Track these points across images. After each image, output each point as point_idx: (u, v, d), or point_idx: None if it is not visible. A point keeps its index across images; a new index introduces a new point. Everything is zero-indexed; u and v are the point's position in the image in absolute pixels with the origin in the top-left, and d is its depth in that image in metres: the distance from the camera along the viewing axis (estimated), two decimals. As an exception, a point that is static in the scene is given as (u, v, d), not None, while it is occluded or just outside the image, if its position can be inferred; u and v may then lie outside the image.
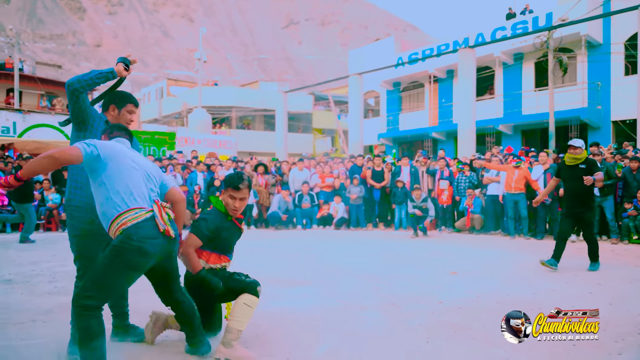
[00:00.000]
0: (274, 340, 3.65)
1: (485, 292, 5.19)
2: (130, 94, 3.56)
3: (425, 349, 3.48)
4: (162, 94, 39.21)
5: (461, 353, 3.41)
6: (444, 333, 3.82)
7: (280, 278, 6.00)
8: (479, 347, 3.51)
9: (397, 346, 3.53)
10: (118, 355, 3.23)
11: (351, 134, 22.62)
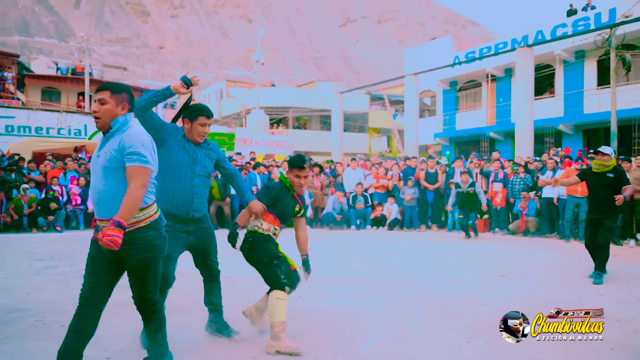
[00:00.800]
0: (323, 336, 3.95)
1: (531, 296, 5.31)
2: (204, 106, 3.80)
3: (466, 348, 3.70)
4: (221, 95, 40.38)
5: (500, 353, 3.61)
6: (485, 334, 4.01)
7: (333, 277, 6.31)
8: (518, 348, 3.69)
9: (439, 345, 3.76)
10: (214, 347, 3.64)
11: (407, 134, 22.66)
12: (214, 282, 3.94)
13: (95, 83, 28.41)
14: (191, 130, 3.70)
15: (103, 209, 2.79)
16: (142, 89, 32.83)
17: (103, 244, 2.56)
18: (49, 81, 29.22)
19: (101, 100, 2.82)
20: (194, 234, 3.72)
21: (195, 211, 3.67)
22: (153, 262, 2.87)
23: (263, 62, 26.83)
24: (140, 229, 2.80)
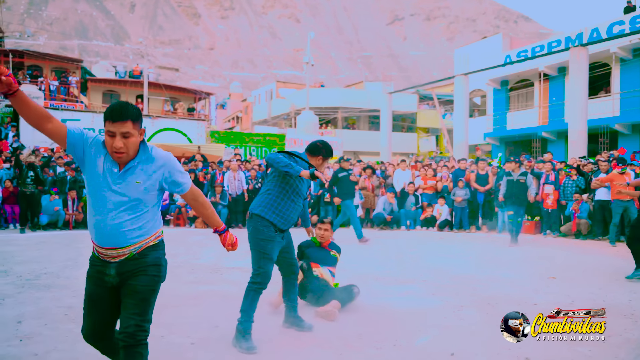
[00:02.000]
0: (382, 330, 4.29)
1: (581, 297, 5.48)
2: (330, 149, 4.42)
3: (516, 344, 3.96)
4: (271, 95, 41.12)
5: (547, 350, 3.86)
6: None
7: (386, 276, 6.63)
8: (566, 345, 3.92)
9: (489, 341, 4.03)
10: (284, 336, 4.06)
11: (456, 134, 22.65)
12: (292, 274, 4.40)
13: (152, 86, 29.54)
14: (320, 166, 4.36)
15: (121, 239, 2.61)
16: (195, 91, 33.89)
17: (233, 249, 3.00)
18: (110, 84, 30.58)
19: (125, 134, 2.50)
20: (285, 238, 4.26)
21: (292, 224, 4.24)
22: (158, 283, 2.73)
23: (313, 63, 27.27)
24: (150, 248, 2.69)
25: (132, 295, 2.62)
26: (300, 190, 4.20)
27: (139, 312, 2.62)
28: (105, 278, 2.66)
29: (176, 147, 18.65)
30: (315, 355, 3.73)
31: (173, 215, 13.43)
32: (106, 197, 2.57)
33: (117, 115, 2.50)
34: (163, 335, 4.10)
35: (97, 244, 2.63)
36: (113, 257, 2.63)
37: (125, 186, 2.57)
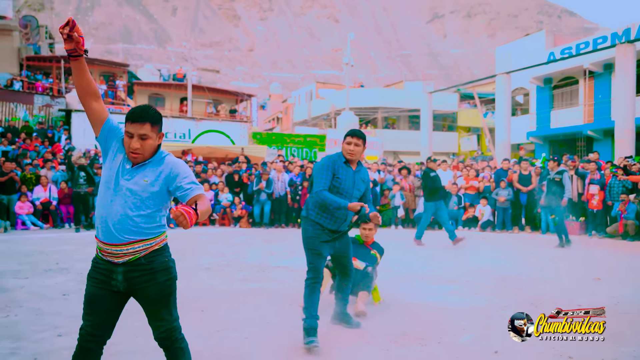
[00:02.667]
0: (427, 327, 4.44)
1: (626, 299, 5.48)
2: (350, 130, 4.27)
3: (559, 343, 4.04)
4: (311, 96, 41.42)
5: (591, 350, 3.93)
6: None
7: (430, 276, 6.75)
8: (610, 345, 3.98)
9: (532, 340, 4.11)
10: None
11: (498, 134, 22.40)
12: (347, 277, 4.47)
13: (195, 89, 30.24)
14: (343, 149, 4.21)
15: (125, 235, 2.61)
16: (237, 92, 34.50)
17: (175, 214, 2.31)
18: (155, 88, 31.46)
19: (142, 136, 2.58)
20: (339, 241, 4.27)
21: (345, 226, 4.26)
22: (173, 284, 2.76)
23: (353, 64, 27.40)
24: (155, 252, 2.69)
25: (151, 306, 2.69)
26: (344, 189, 4.15)
27: (165, 317, 2.71)
28: (112, 282, 2.66)
29: (219, 149, 19.10)
30: (362, 351, 3.91)
31: (218, 215, 13.82)
32: (114, 190, 2.61)
33: (136, 117, 2.58)
34: (218, 329, 4.36)
35: (102, 240, 2.63)
36: (118, 256, 2.62)
37: (133, 183, 2.61)
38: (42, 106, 21.92)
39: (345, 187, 4.15)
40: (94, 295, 2.67)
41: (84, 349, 2.69)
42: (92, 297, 2.68)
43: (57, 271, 7.05)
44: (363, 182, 4.27)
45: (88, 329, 2.68)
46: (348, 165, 4.18)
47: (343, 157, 4.19)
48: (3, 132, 18.40)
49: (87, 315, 2.69)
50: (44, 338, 4.13)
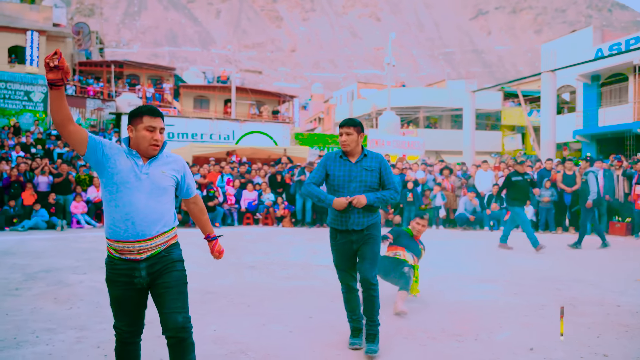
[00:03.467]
0: (464, 325, 4.58)
1: (669, 300, 5.46)
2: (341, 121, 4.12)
3: (595, 342, 4.13)
4: (352, 96, 41.57)
5: (627, 347, 3.99)
6: (615, 331, 4.38)
7: (469, 275, 6.85)
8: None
9: (568, 338, 4.21)
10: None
11: (543, 133, 22.02)
12: (370, 294, 3.94)
13: (239, 90, 30.86)
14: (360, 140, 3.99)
15: (151, 227, 2.76)
16: (279, 94, 34.99)
17: (218, 257, 3.11)
18: (200, 90, 32.25)
19: (161, 130, 2.82)
20: (356, 242, 3.94)
21: (354, 225, 3.88)
22: (186, 277, 2.90)
23: (394, 64, 27.42)
24: (173, 245, 2.88)
25: (170, 291, 2.76)
26: (338, 185, 3.90)
27: (181, 305, 2.77)
28: (135, 280, 2.76)
29: (262, 150, 19.48)
30: (400, 346, 4.10)
31: (261, 215, 14.17)
32: (136, 186, 2.72)
33: (156, 112, 2.81)
34: (264, 323, 4.62)
35: (125, 239, 2.71)
36: (141, 252, 2.73)
37: (153, 175, 2.76)
38: (94, 110, 22.87)
39: (339, 183, 3.90)
40: (121, 297, 2.80)
41: (124, 344, 2.89)
42: (119, 299, 2.81)
43: (113, 267, 7.47)
44: (368, 170, 3.90)
45: (124, 328, 2.85)
46: (345, 159, 3.94)
47: (342, 151, 3.99)
48: (57, 135, 19.31)
49: (119, 316, 2.85)
50: (105, 329, 4.48)
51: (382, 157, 4.00)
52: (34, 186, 13.06)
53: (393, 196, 3.92)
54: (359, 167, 3.89)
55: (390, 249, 5.50)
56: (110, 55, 47.29)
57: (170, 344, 2.77)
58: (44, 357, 3.78)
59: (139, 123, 2.77)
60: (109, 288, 2.83)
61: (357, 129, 3.91)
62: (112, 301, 2.86)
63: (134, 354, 2.95)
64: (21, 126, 19.77)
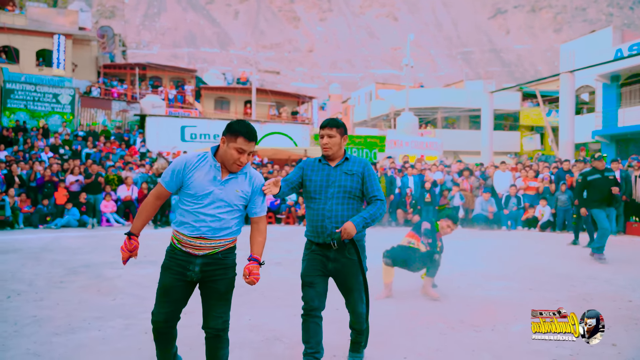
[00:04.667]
0: (481, 317, 4.89)
1: (679, 297, 5.71)
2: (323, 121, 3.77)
3: (605, 333, 4.38)
4: (370, 97, 41.82)
5: (635, 338, 4.28)
6: (625, 324, 4.67)
7: (487, 272, 7.14)
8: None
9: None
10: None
11: (561, 133, 22.10)
12: (357, 320, 3.72)
13: (258, 92, 31.29)
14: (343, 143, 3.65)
15: (217, 232, 2.99)
16: (298, 95, 35.37)
17: (249, 282, 2.92)
18: (221, 91, 32.79)
19: (250, 153, 3.03)
20: (333, 262, 3.52)
21: (327, 234, 3.47)
22: (234, 282, 3.09)
23: (412, 65, 27.64)
24: (231, 249, 3.08)
25: (218, 298, 3.00)
26: (315, 191, 3.55)
27: (224, 311, 3.02)
28: (188, 272, 2.96)
29: (282, 151, 19.89)
30: (421, 335, 4.43)
31: (284, 215, 14.56)
32: (211, 193, 2.94)
33: (253, 137, 2.98)
34: (295, 314, 4.91)
35: (188, 234, 2.95)
36: (200, 248, 2.95)
37: (226, 191, 2.97)
38: (119, 111, 23.47)
39: (315, 188, 3.55)
40: (169, 286, 2.97)
41: (161, 334, 3.04)
42: (168, 287, 2.98)
43: (147, 263, 7.89)
44: (348, 174, 3.52)
45: (161, 317, 2.99)
46: (325, 162, 3.59)
47: (322, 156, 3.66)
48: (85, 135, 19.92)
49: (162, 304, 2.99)
50: (149, 317, 4.86)
51: (367, 162, 3.63)
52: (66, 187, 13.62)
53: (381, 210, 3.47)
54: (339, 170, 3.53)
55: (407, 236, 5.87)
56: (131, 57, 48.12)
57: (208, 337, 3.05)
58: (99, 341, 4.19)
59: (233, 141, 2.93)
60: (162, 275, 3.02)
61: (340, 131, 3.55)
62: (160, 288, 3.02)
63: (172, 342, 3.13)
64: (50, 128, 20.40)
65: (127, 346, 4.10)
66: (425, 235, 5.78)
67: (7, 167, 13.62)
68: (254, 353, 3.99)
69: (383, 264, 5.77)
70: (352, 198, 3.51)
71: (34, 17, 28.70)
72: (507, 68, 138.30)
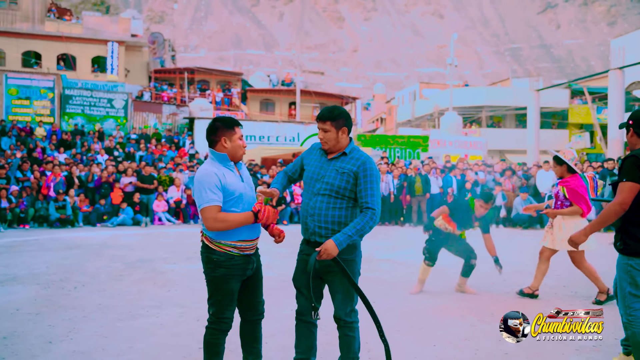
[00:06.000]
0: (511, 310, 5.13)
1: None
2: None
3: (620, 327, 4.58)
4: (414, 96, 41.76)
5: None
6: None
7: (522, 269, 7.33)
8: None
9: (612, 325, 4.69)
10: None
11: (610, 131, 21.64)
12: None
13: (302, 93, 31.82)
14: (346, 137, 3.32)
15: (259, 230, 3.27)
16: (342, 96, 35.73)
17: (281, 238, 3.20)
18: (266, 93, 33.52)
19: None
20: (318, 262, 3.20)
21: (315, 235, 3.25)
22: None
23: (456, 64, 27.56)
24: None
25: (259, 284, 3.35)
26: (306, 179, 3.33)
27: (262, 295, 3.37)
28: (247, 272, 3.19)
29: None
30: (451, 326, 4.71)
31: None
32: (242, 194, 3.17)
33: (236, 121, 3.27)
34: (328, 306, 5.34)
35: (247, 239, 3.15)
36: (253, 247, 3.23)
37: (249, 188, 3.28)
38: (169, 115, 24.41)
39: (306, 180, 3.33)
40: (235, 289, 3.16)
41: (225, 333, 3.23)
42: (234, 290, 3.16)
43: (197, 259, 8.31)
44: (339, 172, 3.18)
45: (231, 316, 3.21)
46: (323, 152, 3.30)
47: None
48: (137, 138, 20.86)
49: (231, 307, 3.19)
50: (201, 307, 5.33)
51: (367, 160, 3.20)
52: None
53: (371, 222, 3.11)
54: (331, 165, 3.21)
55: (444, 219, 6.08)
56: (179, 60, 49.68)
57: (255, 322, 3.35)
58: (157, 326, 4.67)
59: (233, 134, 3.16)
60: (227, 284, 3.11)
61: (336, 123, 3.17)
62: (227, 295, 3.14)
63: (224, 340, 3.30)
64: (104, 131, 21.46)
65: (182, 331, 4.56)
66: (462, 228, 6.09)
67: (67, 170, 14.53)
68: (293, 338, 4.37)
69: (423, 263, 6.06)
70: (340, 197, 3.17)
71: (90, 25, 30.15)
72: (558, 64, 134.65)
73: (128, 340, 4.28)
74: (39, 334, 4.42)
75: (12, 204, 12.92)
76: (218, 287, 3.12)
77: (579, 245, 3.83)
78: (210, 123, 3.22)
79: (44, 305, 5.36)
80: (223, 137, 3.11)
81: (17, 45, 27.53)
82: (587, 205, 5.58)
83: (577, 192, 5.51)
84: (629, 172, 3.33)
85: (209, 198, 2.99)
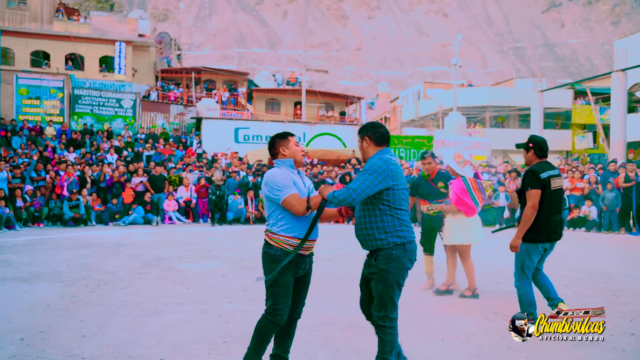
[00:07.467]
0: (515, 308, 5.40)
1: None
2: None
3: (628, 324, 4.87)
4: (419, 96, 41.96)
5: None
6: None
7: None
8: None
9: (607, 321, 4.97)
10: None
11: (613, 132, 21.86)
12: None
13: (308, 93, 32.06)
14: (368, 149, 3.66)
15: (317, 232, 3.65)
16: (347, 95, 35.97)
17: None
18: (271, 93, 33.77)
19: None
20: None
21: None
22: None
23: (460, 65, 27.79)
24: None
25: (307, 287, 3.69)
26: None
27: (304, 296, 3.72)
28: (300, 270, 3.54)
29: (332, 152, 20.56)
30: (458, 322, 5.01)
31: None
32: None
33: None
34: (345, 303, 5.63)
35: (311, 239, 3.50)
36: (310, 249, 3.55)
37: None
38: (176, 114, 24.72)
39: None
40: (290, 282, 3.48)
41: (278, 326, 3.51)
42: (289, 284, 3.48)
43: (211, 257, 8.75)
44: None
45: (286, 310, 3.49)
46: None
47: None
48: (145, 138, 21.17)
49: (286, 300, 3.48)
50: (220, 303, 5.65)
51: (369, 161, 3.52)
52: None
53: (345, 194, 3.34)
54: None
55: (422, 204, 6.58)
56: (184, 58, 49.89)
57: (292, 319, 3.65)
58: (181, 322, 4.97)
59: (288, 142, 3.62)
60: (282, 276, 3.44)
61: (360, 135, 3.68)
62: (282, 287, 3.47)
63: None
64: (113, 131, 21.77)
65: (205, 326, 4.85)
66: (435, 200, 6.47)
67: (80, 169, 14.85)
68: (312, 334, 4.66)
69: (423, 255, 6.41)
70: (365, 203, 3.49)
71: (97, 25, 30.46)
72: (562, 63, 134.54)
73: (156, 334, 4.58)
74: (72, 328, 4.72)
75: (27, 203, 13.26)
76: (279, 280, 3.45)
77: (518, 248, 4.97)
78: (269, 141, 3.69)
79: (71, 302, 5.67)
80: (280, 147, 3.57)
81: (26, 45, 27.85)
82: (467, 206, 6.05)
83: (456, 194, 6.05)
84: (531, 182, 4.70)
85: (288, 189, 3.40)
